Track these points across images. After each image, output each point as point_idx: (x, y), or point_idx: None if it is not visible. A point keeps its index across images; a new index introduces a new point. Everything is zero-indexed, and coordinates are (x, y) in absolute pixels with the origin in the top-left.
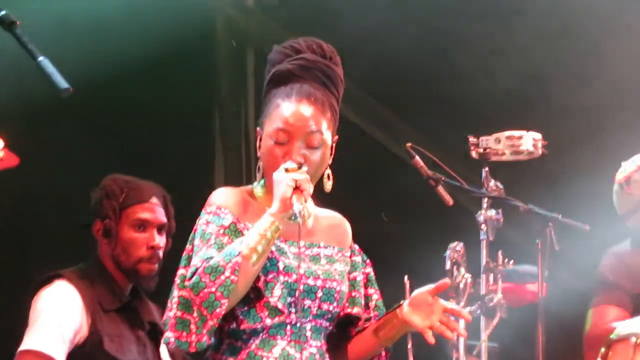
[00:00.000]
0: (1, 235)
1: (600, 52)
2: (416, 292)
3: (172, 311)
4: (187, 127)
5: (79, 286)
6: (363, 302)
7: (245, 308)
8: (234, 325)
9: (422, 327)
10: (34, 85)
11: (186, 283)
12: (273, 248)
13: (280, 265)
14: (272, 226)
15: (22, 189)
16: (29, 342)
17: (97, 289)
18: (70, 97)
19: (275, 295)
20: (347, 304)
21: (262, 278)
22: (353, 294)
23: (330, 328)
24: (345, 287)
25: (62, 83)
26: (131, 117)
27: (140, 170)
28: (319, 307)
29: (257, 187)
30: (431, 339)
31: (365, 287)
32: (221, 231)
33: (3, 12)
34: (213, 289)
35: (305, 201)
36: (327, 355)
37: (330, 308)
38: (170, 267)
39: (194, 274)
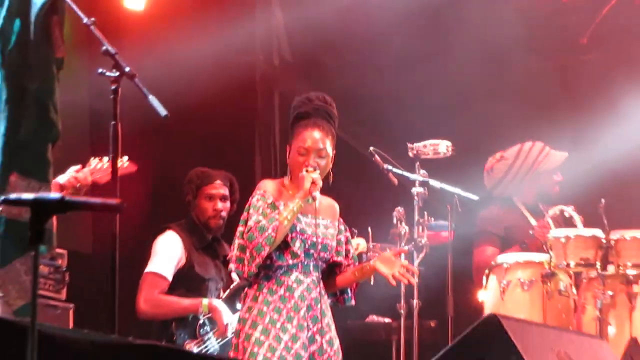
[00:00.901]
0: (140, 207)
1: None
2: (385, 253)
3: (234, 252)
4: (238, 141)
5: (180, 233)
6: (344, 254)
7: (277, 252)
8: (269, 262)
9: (387, 274)
10: (146, 112)
11: (244, 236)
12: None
13: (298, 228)
14: (297, 205)
15: (152, 181)
16: (150, 267)
17: (191, 235)
18: (168, 121)
19: (295, 246)
20: (334, 254)
21: (289, 235)
22: (338, 249)
23: (324, 266)
24: (334, 244)
25: (163, 111)
26: (205, 135)
27: (214, 166)
28: (319, 254)
29: (286, 180)
30: (393, 282)
31: (346, 244)
32: (266, 206)
33: (127, 69)
34: (260, 240)
35: (317, 189)
36: (321, 281)
37: (326, 255)
38: (234, 221)
39: (249, 230)
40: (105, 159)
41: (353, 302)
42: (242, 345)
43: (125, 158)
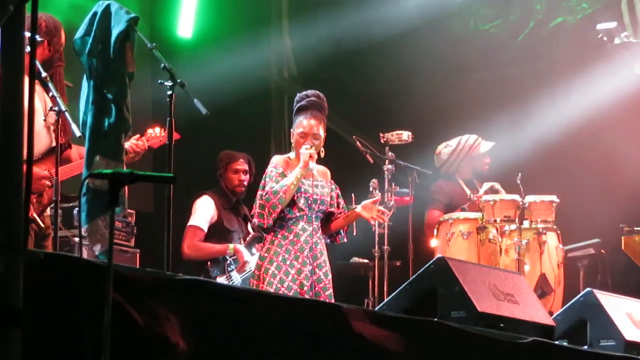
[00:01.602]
0: (188, 180)
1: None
2: (365, 202)
3: (255, 210)
4: (257, 132)
5: (213, 197)
6: (336, 205)
7: (288, 208)
8: (282, 215)
9: (367, 217)
10: (193, 110)
11: (263, 197)
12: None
13: (302, 189)
14: (299, 173)
15: (193, 161)
16: (191, 222)
17: (221, 198)
18: (207, 117)
19: (300, 203)
20: (329, 206)
21: (295, 195)
22: (332, 202)
23: (322, 216)
24: (328, 199)
25: (204, 110)
26: (233, 128)
27: (240, 149)
28: (318, 207)
29: (292, 155)
30: (372, 222)
31: (337, 198)
32: (277, 175)
33: (179, 80)
34: (274, 200)
35: (312, 160)
36: (320, 228)
37: (323, 208)
38: (252, 189)
39: (266, 194)
40: (157, 129)
41: (345, 240)
42: (262, 275)
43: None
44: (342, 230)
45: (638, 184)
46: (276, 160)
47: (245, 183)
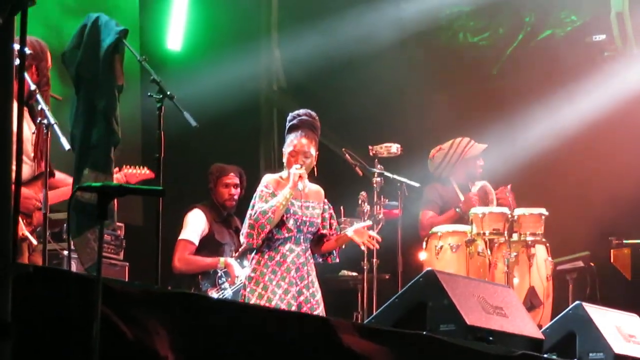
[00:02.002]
0: (178, 193)
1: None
2: (356, 225)
3: (246, 229)
4: (247, 145)
5: (203, 210)
6: (328, 227)
7: (277, 228)
8: (270, 236)
9: (358, 242)
10: (182, 123)
11: (252, 217)
12: (289, 202)
13: (291, 210)
14: (288, 193)
15: (182, 173)
16: (182, 235)
17: (212, 211)
18: (196, 130)
19: (290, 224)
20: (321, 228)
21: (284, 216)
22: (324, 223)
23: (312, 238)
24: (319, 221)
25: (193, 123)
26: (223, 140)
27: (229, 162)
28: (307, 229)
29: (284, 174)
30: (363, 247)
31: (330, 219)
32: (267, 195)
33: (169, 92)
34: (263, 221)
35: (302, 181)
36: (309, 249)
37: (312, 230)
38: (243, 202)
39: (255, 214)
40: (137, 169)
41: (337, 260)
42: (248, 296)
43: (146, 169)
44: (334, 251)
45: (628, 197)
46: (267, 179)
47: (236, 197)
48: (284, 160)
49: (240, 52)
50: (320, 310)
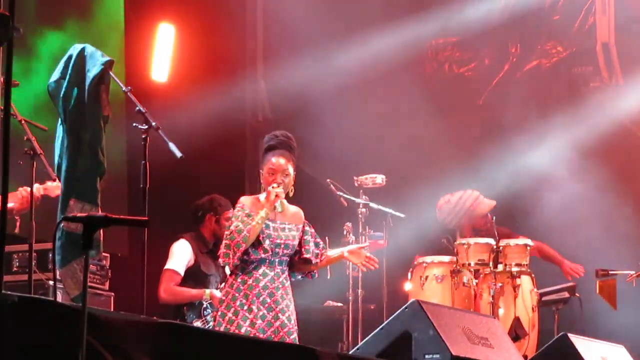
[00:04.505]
0: (163, 223)
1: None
2: (351, 246)
3: (222, 249)
4: (233, 174)
5: (189, 241)
6: (314, 247)
7: (252, 248)
8: (245, 257)
9: (356, 262)
10: (167, 154)
11: (228, 237)
12: (265, 223)
13: (266, 231)
14: (264, 212)
15: (169, 203)
16: (168, 265)
17: (198, 242)
18: (182, 161)
19: (265, 244)
20: (303, 252)
21: (260, 235)
22: (306, 247)
23: (287, 260)
24: (295, 243)
25: (179, 154)
26: (209, 170)
27: (214, 193)
28: (283, 252)
29: (262, 196)
30: (362, 269)
31: (314, 239)
32: (243, 215)
33: (154, 123)
34: (239, 239)
35: (279, 200)
36: (285, 272)
37: (288, 252)
38: None
39: (231, 233)
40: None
41: (317, 276)
42: (218, 319)
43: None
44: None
45: (613, 227)
46: (243, 200)
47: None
48: (262, 181)
49: (225, 83)
50: (295, 336)
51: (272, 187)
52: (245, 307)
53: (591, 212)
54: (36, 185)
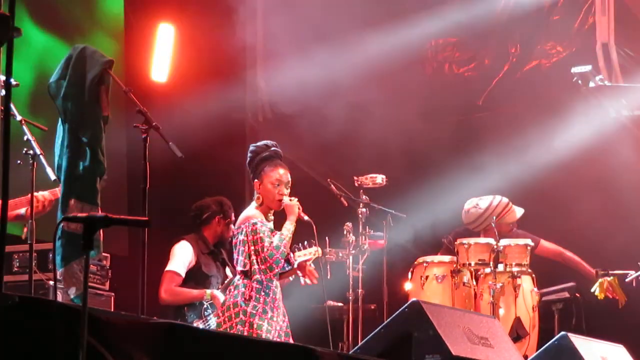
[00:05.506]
0: (164, 223)
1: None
2: (303, 252)
3: (253, 267)
4: (232, 176)
5: (191, 242)
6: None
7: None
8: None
9: (300, 276)
10: (167, 153)
11: (265, 252)
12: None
13: None
14: (292, 225)
15: (168, 204)
16: (169, 266)
17: (200, 243)
18: (182, 161)
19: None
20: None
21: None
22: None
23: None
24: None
25: (179, 153)
26: (209, 171)
27: (214, 193)
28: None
29: (262, 208)
30: (302, 282)
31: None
32: (269, 230)
33: (154, 124)
34: (278, 255)
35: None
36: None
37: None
38: None
39: (267, 249)
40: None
41: None
42: (249, 322)
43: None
44: None
45: (612, 228)
46: (255, 215)
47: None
48: (258, 191)
49: (225, 83)
50: (289, 331)
51: (291, 200)
52: (275, 319)
53: (592, 215)
54: (47, 192)
